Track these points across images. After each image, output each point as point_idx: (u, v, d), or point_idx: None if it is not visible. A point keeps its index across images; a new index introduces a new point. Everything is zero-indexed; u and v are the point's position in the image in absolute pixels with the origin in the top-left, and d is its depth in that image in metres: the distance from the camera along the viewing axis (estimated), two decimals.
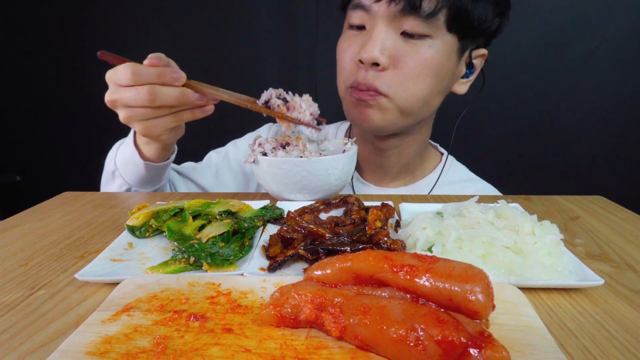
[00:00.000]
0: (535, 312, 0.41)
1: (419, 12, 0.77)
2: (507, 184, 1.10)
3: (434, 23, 0.79)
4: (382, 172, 1.01)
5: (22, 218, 0.72)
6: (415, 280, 0.39)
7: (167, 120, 0.71)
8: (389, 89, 0.82)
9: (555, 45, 1.79)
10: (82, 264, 0.55)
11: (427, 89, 0.85)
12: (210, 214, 0.64)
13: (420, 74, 0.82)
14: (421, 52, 0.81)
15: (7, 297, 0.48)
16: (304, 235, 0.58)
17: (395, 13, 0.78)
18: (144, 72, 0.66)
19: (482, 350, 0.32)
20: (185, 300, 0.43)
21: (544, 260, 0.51)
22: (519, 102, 1.87)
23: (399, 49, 0.81)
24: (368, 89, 0.83)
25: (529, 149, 1.95)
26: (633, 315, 0.44)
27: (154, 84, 0.66)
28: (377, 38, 0.80)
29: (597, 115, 1.86)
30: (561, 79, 1.83)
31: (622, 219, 0.71)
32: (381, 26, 0.80)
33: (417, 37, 0.80)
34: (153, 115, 0.69)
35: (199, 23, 1.91)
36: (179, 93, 0.68)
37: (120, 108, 0.70)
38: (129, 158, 0.83)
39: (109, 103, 0.70)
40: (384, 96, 0.83)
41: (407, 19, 0.78)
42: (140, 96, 0.66)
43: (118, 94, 0.68)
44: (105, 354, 0.36)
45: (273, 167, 0.72)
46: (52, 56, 2.04)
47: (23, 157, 2.19)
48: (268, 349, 0.36)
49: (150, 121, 0.70)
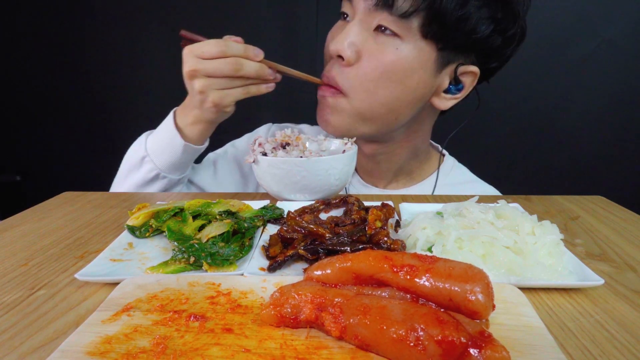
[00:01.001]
0: (535, 312, 0.41)
1: (391, 9, 0.75)
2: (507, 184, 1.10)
3: (406, 24, 0.75)
4: (378, 176, 0.99)
5: (22, 218, 0.72)
6: (415, 280, 0.39)
7: (239, 91, 0.77)
8: (350, 87, 0.81)
9: (555, 45, 1.79)
10: (82, 264, 0.55)
11: (390, 95, 0.80)
12: (210, 214, 0.64)
13: (382, 77, 0.79)
14: (385, 52, 0.78)
15: (7, 297, 0.48)
16: (304, 235, 0.58)
17: (369, 7, 0.77)
18: (233, 46, 0.74)
19: (482, 350, 0.32)
20: (185, 300, 0.43)
21: (544, 260, 0.51)
22: (519, 102, 1.87)
23: (366, 46, 0.78)
24: (329, 84, 0.83)
25: (529, 149, 1.95)
26: (633, 315, 0.44)
27: (240, 57, 0.74)
28: (348, 30, 0.79)
29: (597, 115, 1.86)
30: (561, 79, 1.83)
31: (622, 219, 0.71)
32: (356, 19, 0.79)
33: (388, 34, 0.77)
34: (229, 86, 0.76)
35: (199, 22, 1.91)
36: (258, 67, 0.76)
37: (200, 78, 0.75)
38: (168, 141, 0.85)
39: (189, 73, 0.75)
40: (343, 96, 0.82)
41: (381, 13, 0.76)
42: (227, 67, 0.73)
43: (202, 65, 0.74)
44: (105, 354, 0.36)
45: (273, 167, 0.72)
46: (53, 56, 2.03)
47: (23, 157, 2.19)
48: (268, 349, 0.36)
49: (225, 91, 0.76)
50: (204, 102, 0.78)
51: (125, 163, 0.92)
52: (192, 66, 0.75)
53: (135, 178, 0.89)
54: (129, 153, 0.92)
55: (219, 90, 0.76)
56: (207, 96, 0.77)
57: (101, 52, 1.99)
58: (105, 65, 2.00)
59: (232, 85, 0.76)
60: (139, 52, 1.98)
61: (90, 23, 1.96)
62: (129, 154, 0.92)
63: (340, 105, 0.83)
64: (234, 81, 0.76)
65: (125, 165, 0.92)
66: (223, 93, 0.77)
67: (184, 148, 0.84)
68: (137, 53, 1.98)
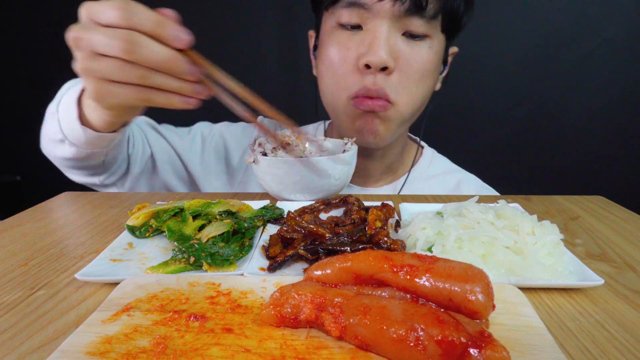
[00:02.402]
0: (535, 312, 0.41)
1: (424, 12, 0.75)
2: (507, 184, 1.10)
3: (433, 24, 0.78)
4: (366, 175, 0.98)
5: (22, 218, 0.72)
6: (415, 280, 0.39)
7: (131, 91, 0.52)
8: (396, 94, 0.80)
9: (555, 45, 1.80)
10: (82, 264, 0.55)
11: (427, 92, 0.83)
12: (210, 214, 0.64)
13: (423, 77, 0.81)
14: (422, 53, 0.79)
15: (7, 297, 0.48)
16: (304, 235, 0.58)
17: (400, 13, 0.75)
18: (139, 14, 0.49)
19: (482, 350, 0.32)
20: (185, 300, 0.43)
21: (544, 260, 0.51)
22: (519, 102, 1.87)
23: (402, 51, 0.78)
24: (379, 97, 0.79)
25: (528, 149, 1.95)
26: (633, 315, 0.44)
27: (142, 33, 0.49)
28: (381, 38, 0.75)
29: (597, 115, 1.86)
30: (561, 79, 1.83)
31: (622, 219, 0.71)
32: (384, 26, 0.76)
33: (418, 37, 0.78)
34: (118, 76, 0.51)
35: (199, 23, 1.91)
36: (168, 54, 0.50)
37: (82, 51, 0.51)
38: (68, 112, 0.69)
39: (72, 41, 0.51)
40: (391, 105, 0.80)
41: (411, 19, 0.76)
42: (116, 42, 0.48)
43: (88, 34, 0.50)
44: (105, 354, 0.36)
45: (273, 167, 0.72)
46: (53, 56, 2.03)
47: (23, 157, 2.19)
48: (268, 349, 0.36)
49: (110, 85, 0.52)
50: (86, 90, 0.57)
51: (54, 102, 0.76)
52: (77, 32, 0.51)
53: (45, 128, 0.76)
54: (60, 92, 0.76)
55: (101, 81, 0.52)
56: (86, 82, 0.55)
57: None
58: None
59: (122, 76, 0.51)
60: None
61: None
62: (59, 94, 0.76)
63: (389, 115, 0.82)
64: (126, 70, 0.50)
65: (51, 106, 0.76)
66: (105, 87, 0.52)
67: (83, 130, 0.68)
68: None
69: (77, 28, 0.51)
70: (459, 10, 0.80)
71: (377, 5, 0.75)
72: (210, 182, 1.01)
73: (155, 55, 0.49)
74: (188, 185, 1.01)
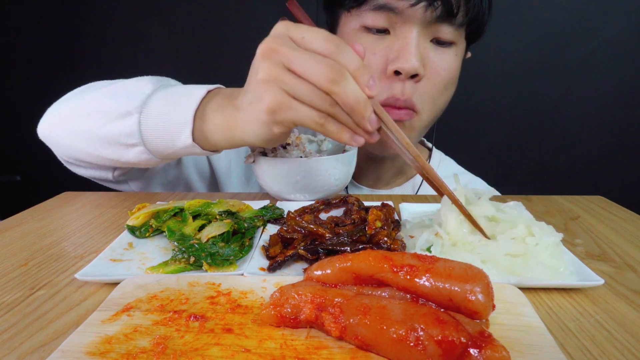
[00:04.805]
0: (535, 312, 0.41)
1: (454, 20, 0.74)
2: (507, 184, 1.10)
3: (460, 31, 0.78)
4: (376, 178, 0.99)
5: (22, 218, 0.72)
6: (415, 280, 0.39)
7: (312, 113, 0.52)
8: (422, 103, 0.78)
9: (555, 46, 1.80)
10: (82, 264, 0.55)
11: (448, 99, 0.83)
12: (210, 214, 0.64)
13: (448, 84, 0.80)
14: (450, 60, 0.78)
15: (7, 297, 0.48)
16: (304, 235, 0.58)
17: (431, 19, 0.73)
18: (347, 53, 0.50)
19: (482, 350, 0.32)
20: (185, 300, 0.43)
21: (545, 260, 0.51)
22: (519, 102, 1.87)
23: (431, 58, 0.77)
24: (406, 106, 0.77)
25: (528, 149, 1.95)
26: (633, 315, 0.44)
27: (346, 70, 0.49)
28: (413, 44, 0.73)
29: (597, 115, 1.87)
30: (561, 79, 1.83)
31: (622, 219, 0.71)
32: (415, 32, 0.74)
33: (445, 44, 0.78)
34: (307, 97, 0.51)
35: (199, 23, 1.91)
36: (363, 98, 0.50)
37: (274, 61, 0.51)
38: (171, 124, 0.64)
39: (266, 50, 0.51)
40: (416, 114, 0.79)
41: (441, 25, 0.75)
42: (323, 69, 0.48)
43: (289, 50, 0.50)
44: (105, 354, 0.36)
45: (273, 167, 0.72)
46: (53, 56, 2.04)
47: (23, 157, 2.19)
48: (268, 349, 0.36)
49: (294, 100, 0.52)
50: (261, 99, 0.54)
51: (102, 95, 0.70)
52: (274, 43, 0.51)
53: (107, 128, 0.67)
54: (116, 86, 0.71)
55: (285, 94, 0.51)
56: (268, 90, 0.52)
57: (102, 52, 1.99)
58: (106, 66, 2.00)
59: (311, 98, 0.50)
60: (140, 52, 1.98)
61: (91, 23, 1.96)
62: (116, 88, 0.70)
63: (414, 123, 0.81)
64: (317, 95, 0.50)
65: (103, 99, 0.69)
66: (287, 100, 0.52)
67: (185, 145, 0.65)
68: (137, 53, 1.98)
69: (275, 41, 0.51)
70: (485, 17, 0.79)
71: (408, 10, 0.72)
72: (231, 180, 1.00)
73: (353, 93, 0.50)
74: (207, 182, 0.99)
